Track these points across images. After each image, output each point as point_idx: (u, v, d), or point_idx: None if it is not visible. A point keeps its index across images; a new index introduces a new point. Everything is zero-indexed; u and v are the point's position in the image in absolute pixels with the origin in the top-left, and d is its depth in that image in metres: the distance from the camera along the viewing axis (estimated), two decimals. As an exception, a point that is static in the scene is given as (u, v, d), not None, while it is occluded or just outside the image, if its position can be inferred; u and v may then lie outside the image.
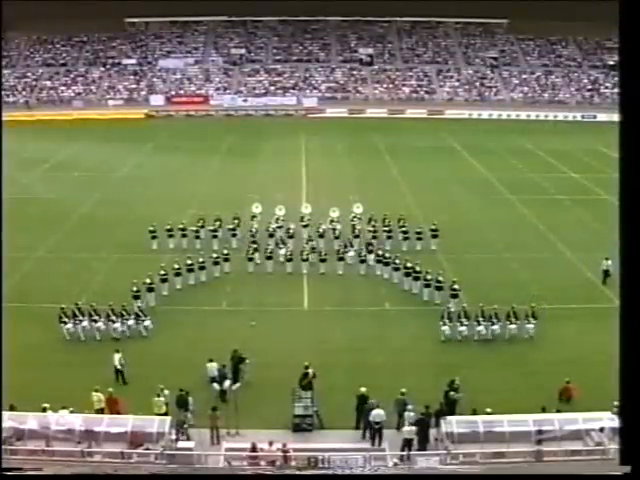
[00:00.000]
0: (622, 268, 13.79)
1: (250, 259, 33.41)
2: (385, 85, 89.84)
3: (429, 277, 30.75)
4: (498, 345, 26.97)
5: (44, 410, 20.73)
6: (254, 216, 38.22)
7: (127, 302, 27.98)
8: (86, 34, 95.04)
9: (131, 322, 27.24)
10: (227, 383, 22.68)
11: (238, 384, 22.77)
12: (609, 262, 31.63)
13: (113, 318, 27.08)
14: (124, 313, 27.28)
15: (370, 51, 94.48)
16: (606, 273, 32.06)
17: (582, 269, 34.34)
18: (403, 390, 21.63)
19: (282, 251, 33.92)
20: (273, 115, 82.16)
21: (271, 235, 35.86)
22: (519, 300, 30.17)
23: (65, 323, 26.97)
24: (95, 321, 27.15)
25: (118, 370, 24.05)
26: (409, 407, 20.92)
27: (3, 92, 78.67)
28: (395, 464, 19.53)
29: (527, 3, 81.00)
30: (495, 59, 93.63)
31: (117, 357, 24.12)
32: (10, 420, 19.74)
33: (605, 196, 45.20)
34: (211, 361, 23.69)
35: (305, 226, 37.45)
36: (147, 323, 27.36)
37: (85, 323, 27.15)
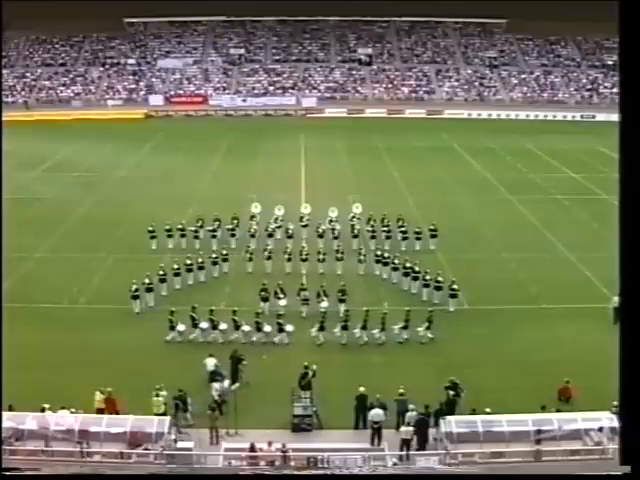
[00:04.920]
0: (622, 268, 13.78)
1: (250, 259, 33.34)
2: (384, 85, 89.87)
3: (428, 277, 30.72)
4: (498, 345, 27.00)
5: (43, 410, 20.69)
6: (253, 216, 38.23)
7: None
8: (85, 34, 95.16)
9: (268, 329, 26.69)
10: (226, 383, 22.66)
11: (237, 384, 22.76)
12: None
13: (241, 323, 26.78)
14: (259, 321, 26.79)
15: (369, 51, 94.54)
16: (617, 311, 26.57)
17: (581, 269, 34.33)
18: (401, 390, 21.64)
19: (282, 302, 29.02)
20: (272, 115, 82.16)
21: (270, 235, 35.87)
22: (518, 300, 30.24)
23: (174, 328, 26.61)
24: (215, 327, 26.81)
25: (214, 372, 23.07)
26: (411, 407, 20.92)
27: (2, 92, 78.63)
28: (394, 464, 19.53)
29: (526, 3, 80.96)
30: (494, 59, 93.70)
31: (211, 361, 23.31)
32: (9, 420, 19.71)
33: (604, 196, 45.22)
34: (211, 356, 23.71)
35: (304, 226, 37.45)
36: (290, 328, 26.73)
37: (204, 325, 26.81)
